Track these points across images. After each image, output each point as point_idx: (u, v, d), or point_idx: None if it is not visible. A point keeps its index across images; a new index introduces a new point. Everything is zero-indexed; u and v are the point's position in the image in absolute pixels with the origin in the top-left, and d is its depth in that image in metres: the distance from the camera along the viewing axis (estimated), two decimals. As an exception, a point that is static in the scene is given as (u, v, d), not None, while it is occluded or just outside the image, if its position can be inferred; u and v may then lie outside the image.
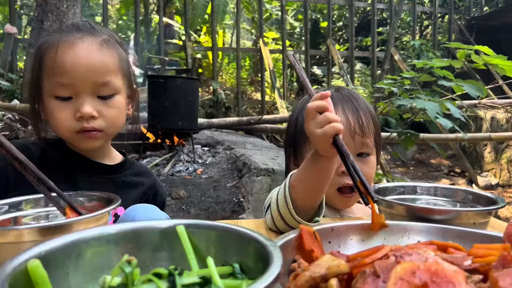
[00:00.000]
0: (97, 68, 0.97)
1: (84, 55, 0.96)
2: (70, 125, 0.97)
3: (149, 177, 1.17)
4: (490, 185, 6.49)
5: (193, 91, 4.83)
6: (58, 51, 0.96)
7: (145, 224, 0.53)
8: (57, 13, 4.99)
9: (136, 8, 8.24)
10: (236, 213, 3.52)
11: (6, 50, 6.35)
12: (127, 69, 1.07)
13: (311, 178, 0.85)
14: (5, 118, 4.52)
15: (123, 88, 1.04)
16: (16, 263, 0.42)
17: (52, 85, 0.97)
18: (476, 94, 2.85)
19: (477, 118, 7.04)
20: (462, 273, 0.45)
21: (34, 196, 0.77)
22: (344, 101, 1.11)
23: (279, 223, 0.90)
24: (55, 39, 0.98)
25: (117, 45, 1.05)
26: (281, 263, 0.41)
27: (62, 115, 0.97)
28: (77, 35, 0.99)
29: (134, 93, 1.12)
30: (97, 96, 0.98)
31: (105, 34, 1.04)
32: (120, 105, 1.03)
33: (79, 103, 0.96)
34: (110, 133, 1.03)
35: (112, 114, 1.00)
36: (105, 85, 0.98)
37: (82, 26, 1.02)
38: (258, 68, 9.68)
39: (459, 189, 0.93)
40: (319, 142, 0.80)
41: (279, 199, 0.89)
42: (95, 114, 0.97)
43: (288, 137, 1.20)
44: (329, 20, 8.98)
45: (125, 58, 1.07)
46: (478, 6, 10.49)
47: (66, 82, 0.95)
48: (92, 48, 0.98)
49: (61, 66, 0.95)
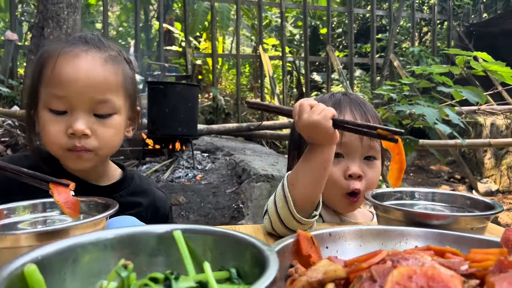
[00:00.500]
0: (97, 84, 0.92)
1: (85, 69, 0.91)
2: (60, 141, 0.91)
3: (147, 196, 1.10)
4: (490, 191, 6.48)
5: (192, 97, 4.84)
6: (58, 61, 0.91)
7: (142, 229, 0.53)
8: (58, 20, 5.01)
9: (136, 15, 8.28)
10: (235, 219, 3.51)
11: (6, 57, 6.38)
12: (132, 89, 1.01)
13: (311, 172, 0.87)
14: (5, 125, 4.52)
15: (123, 108, 0.98)
16: (13, 268, 0.42)
17: (47, 96, 0.92)
18: (475, 100, 2.86)
19: (477, 124, 7.05)
20: (459, 278, 0.45)
21: (31, 201, 0.77)
22: (353, 105, 1.13)
23: (277, 226, 0.90)
24: (58, 48, 0.94)
25: (124, 63, 1.01)
26: (277, 267, 0.41)
27: (53, 129, 0.91)
28: (82, 47, 0.94)
29: (136, 115, 1.06)
30: (94, 113, 0.92)
31: (113, 50, 0.99)
32: (117, 125, 0.96)
33: (72, 118, 0.90)
34: (102, 154, 0.96)
35: (107, 134, 0.94)
36: (104, 103, 0.93)
37: (90, 39, 0.97)
38: (257, 75, 9.71)
39: (457, 194, 0.93)
40: (319, 128, 0.84)
41: (278, 201, 0.90)
42: (87, 132, 0.91)
43: (293, 140, 1.20)
44: (328, 26, 9.02)
45: (131, 78, 1.02)
46: (477, 12, 10.54)
47: (61, 94, 0.90)
48: (95, 62, 0.93)
49: (59, 77, 0.90)
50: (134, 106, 1.03)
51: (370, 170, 1.09)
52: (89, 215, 0.76)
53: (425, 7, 11.42)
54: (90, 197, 0.80)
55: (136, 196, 1.06)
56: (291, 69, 11.35)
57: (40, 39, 5.06)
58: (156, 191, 1.14)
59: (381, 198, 0.92)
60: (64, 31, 5.04)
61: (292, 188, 0.88)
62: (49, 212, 0.77)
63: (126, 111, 0.99)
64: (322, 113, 0.83)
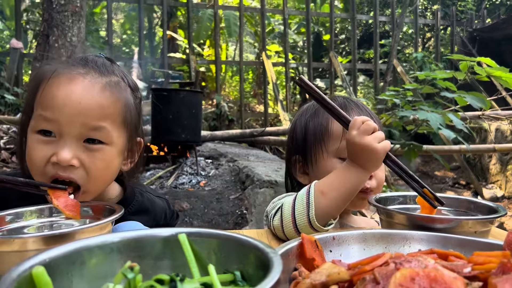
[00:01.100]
0: (90, 111, 0.83)
1: (79, 93, 0.83)
2: (42, 169, 0.82)
3: (149, 214, 1.04)
4: (496, 197, 6.45)
5: (196, 103, 4.86)
6: (51, 82, 0.84)
7: (147, 232, 0.53)
8: (62, 28, 5.06)
9: (140, 22, 8.35)
10: (239, 225, 3.51)
11: (11, 65, 6.44)
12: (133, 118, 0.92)
13: (344, 188, 0.88)
14: (10, 132, 4.55)
15: (118, 140, 0.89)
16: (21, 270, 0.42)
17: (37, 118, 0.84)
18: (479, 106, 2.85)
19: (482, 130, 7.03)
20: (462, 280, 0.45)
21: (38, 206, 0.78)
22: (358, 108, 1.14)
23: (289, 230, 0.90)
24: (54, 68, 0.87)
25: (128, 90, 0.93)
26: (280, 269, 0.42)
27: (37, 155, 0.82)
28: (80, 70, 0.87)
29: (136, 147, 0.96)
30: (84, 140, 0.84)
31: (116, 76, 0.92)
32: (108, 158, 0.87)
33: (60, 145, 0.82)
34: (90, 190, 0.86)
35: (96, 167, 0.84)
36: (97, 130, 0.84)
37: (91, 61, 0.90)
38: (261, 81, 9.75)
39: (460, 198, 0.93)
40: (378, 154, 0.86)
41: (298, 206, 0.90)
42: (74, 163, 0.82)
43: (295, 144, 1.19)
44: (331, 33, 9.06)
45: (133, 106, 0.93)
46: (480, 18, 10.55)
47: (51, 117, 0.82)
48: (91, 87, 0.85)
49: (50, 99, 0.83)
50: (133, 137, 0.94)
51: (378, 171, 1.10)
52: (95, 219, 0.77)
53: (428, 13, 11.45)
54: (96, 202, 0.81)
55: (139, 214, 1.00)
56: (294, 75, 11.38)
57: (45, 47, 5.11)
58: (158, 207, 1.09)
59: (384, 202, 0.93)
60: (69, 39, 5.09)
61: (321, 195, 0.88)
62: (55, 216, 0.78)
63: (122, 143, 0.90)
64: (383, 144, 0.86)
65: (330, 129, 1.10)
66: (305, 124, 1.17)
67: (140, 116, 0.96)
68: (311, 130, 1.14)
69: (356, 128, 0.87)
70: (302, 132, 1.17)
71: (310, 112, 1.18)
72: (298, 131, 1.19)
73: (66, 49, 5.18)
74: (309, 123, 1.15)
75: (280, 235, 0.93)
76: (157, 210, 1.08)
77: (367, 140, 0.85)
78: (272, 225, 0.95)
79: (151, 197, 1.09)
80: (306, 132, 1.15)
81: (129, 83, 0.95)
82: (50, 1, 5.10)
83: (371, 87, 10.03)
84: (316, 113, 1.16)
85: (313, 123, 1.14)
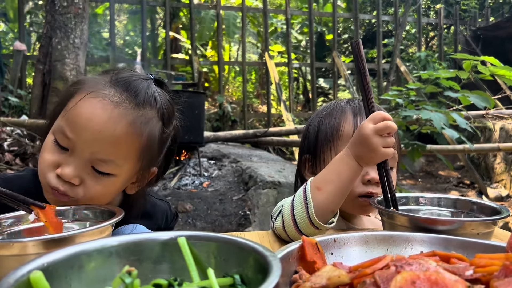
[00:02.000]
0: (107, 143, 0.82)
1: (103, 122, 0.82)
2: (47, 175, 0.84)
3: (151, 217, 1.04)
4: (501, 196, 6.41)
5: (199, 104, 4.87)
6: (83, 101, 0.84)
7: (146, 236, 0.53)
8: (65, 29, 5.08)
9: (142, 23, 8.36)
10: (242, 226, 3.51)
11: (15, 67, 6.47)
12: (153, 151, 0.90)
13: (339, 180, 0.88)
14: (14, 134, 4.57)
15: (127, 172, 0.88)
16: (19, 274, 0.42)
17: (58, 126, 0.85)
18: (483, 105, 2.84)
19: (486, 129, 6.99)
20: (463, 283, 0.45)
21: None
22: (357, 113, 1.14)
23: (290, 229, 0.90)
24: (91, 86, 0.86)
25: (159, 125, 0.90)
26: (279, 273, 0.42)
27: (47, 158, 0.84)
28: (116, 98, 0.84)
29: (147, 174, 0.94)
30: (92, 166, 0.84)
31: (153, 109, 0.88)
32: (111, 186, 0.87)
33: (68, 160, 0.83)
34: (83, 201, 0.86)
35: (95, 190, 0.85)
36: (104, 163, 0.84)
37: (133, 88, 0.86)
38: (264, 81, 9.75)
39: (463, 199, 0.92)
40: (376, 156, 0.86)
41: (296, 205, 0.90)
42: (75, 181, 0.83)
43: (306, 143, 1.20)
44: (334, 32, 9.04)
45: (158, 140, 0.90)
46: (483, 16, 10.51)
47: (68, 135, 0.83)
48: (119, 120, 0.83)
49: (74, 117, 0.83)
50: (148, 167, 0.92)
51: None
52: (95, 222, 0.77)
53: (431, 12, 11.41)
54: (96, 205, 0.81)
55: (140, 219, 1.00)
56: (297, 75, 11.37)
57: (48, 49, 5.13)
58: (159, 208, 1.09)
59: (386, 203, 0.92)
60: (72, 40, 5.11)
61: (318, 191, 0.88)
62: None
63: (130, 174, 0.89)
64: (389, 151, 0.86)
65: (341, 130, 1.11)
66: (318, 124, 1.17)
67: (162, 149, 0.94)
68: (322, 130, 1.15)
69: (374, 122, 0.86)
70: (314, 131, 1.18)
71: (324, 112, 1.19)
72: (311, 130, 1.20)
73: (69, 51, 5.20)
74: (322, 123, 1.16)
75: (284, 236, 0.93)
76: (159, 213, 1.08)
77: (375, 140, 0.85)
78: (275, 227, 0.95)
79: (153, 200, 1.09)
80: (318, 131, 1.16)
81: (163, 117, 0.91)
82: (53, 3, 5.12)
83: (374, 86, 10.00)
84: (330, 114, 1.17)
85: (325, 123, 1.15)
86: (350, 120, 1.12)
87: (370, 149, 0.85)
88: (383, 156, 0.85)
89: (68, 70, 5.23)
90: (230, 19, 9.34)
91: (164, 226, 1.08)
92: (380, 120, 0.85)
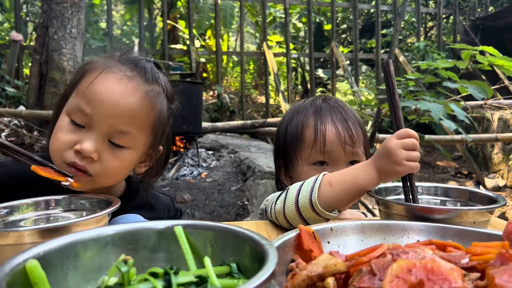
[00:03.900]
0: (125, 114, 0.86)
1: (119, 95, 0.86)
2: (64, 152, 0.85)
3: (152, 210, 1.06)
4: (498, 186, 6.43)
5: (197, 95, 4.85)
6: (99, 77, 0.88)
7: (142, 225, 0.53)
8: (62, 19, 5.04)
9: (140, 13, 8.30)
10: (240, 216, 3.52)
11: (12, 57, 6.42)
12: (162, 127, 0.95)
13: (356, 184, 0.88)
14: (11, 124, 4.56)
15: (142, 145, 0.92)
16: (15, 263, 0.42)
17: (74, 106, 0.88)
18: (480, 97, 2.83)
19: (484, 119, 7.00)
20: (459, 271, 0.45)
21: (34, 199, 0.77)
22: (333, 112, 1.14)
23: (290, 212, 0.90)
24: (105, 64, 0.90)
25: (165, 100, 0.95)
26: (276, 261, 0.42)
27: (63, 138, 0.86)
28: (128, 73, 0.89)
29: (155, 153, 0.98)
30: (109, 139, 0.87)
31: (159, 85, 0.94)
32: (127, 160, 0.90)
33: (86, 136, 0.85)
34: (99, 182, 0.89)
35: (112, 165, 0.88)
36: (123, 134, 0.87)
37: (141, 66, 0.92)
38: (262, 72, 9.71)
39: (460, 188, 0.93)
40: (400, 169, 0.86)
41: (303, 189, 0.90)
42: (94, 156, 0.85)
43: (278, 149, 1.21)
44: (333, 22, 8.99)
45: (167, 116, 0.96)
46: (483, 6, 10.45)
47: (87, 111, 0.86)
48: (134, 92, 0.88)
49: (92, 93, 0.86)
50: (157, 144, 0.97)
51: None
52: (92, 212, 0.77)
53: (431, 2, 11.35)
54: (92, 194, 0.81)
55: (141, 209, 1.01)
56: (296, 65, 11.32)
57: (45, 39, 5.09)
58: (161, 201, 1.11)
59: (383, 193, 0.92)
60: (69, 30, 5.07)
61: (328, 186, 0.89)
62: (52, 209, 0.78)
63: (144, 149, 0.93)
64: (413, 166, 0.85)
65: (303, 137, 1.11)
66: (285, 129, 1.18)
67: (167, 126, 0.98)
68: (288, 137, 1.15)
69: (399, 137, 0.87)
70: (282, 137, 1.18)
71: (288, 116, 1.20)
72: (280, 136, 1.20)
73: (66, 41, 5.16)
74: (287, 129, 1.17)
75: (281, 219, 0.93)
76: (161, 206, 1.09)
77: (399, 152, 0.85)
78: (274, 210, 0.95)
79: (155, 193, 1.10)
80: (285, 138, 1.17)
81: (168, 94, 0.97)
82: (49, -7, 5.07)
83: (373, 77, 9.98)
84: (293, 118, 1.17)
85: (290, 129, 1.16)
86: (311, 125, 1.12)
87: (394, 162, 0.85)
88: (407, 170, 0.85)
89: (65, 60, 5.20)
90: (227, 10, 9.26)
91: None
92: (406, 137, 0.86)
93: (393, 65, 0.90)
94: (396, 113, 0.90)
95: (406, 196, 0.86)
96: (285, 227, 0.94)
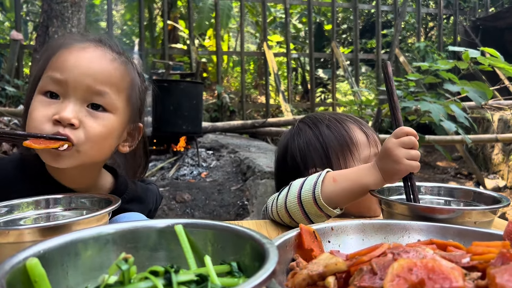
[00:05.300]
0: (99, 74, 0.85)
1: (90, 58, 0.87)
2: (43, 126, 0.82)
3: (143, 202, 1.05)
4: (498, 187, 6.43)
5: (197, 94, 4.85)
6: (66, 50, 0.87)
7: (143, 224, 0.53)
8: (62, 19, 5.04)
9: (140, 13, 8.29)
10: (240, 216, 3.52)
11: (12, 56, 6.42)
12: (138, 101, 0.94)
13: (360, 183, 0.89)
14: (11, 124, 4.56)
15: (122, 112, 0.89)
16: (15, 261, 0.42)
17: (45, 79, 0.86)
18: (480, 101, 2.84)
19: (484, 120, 6.99)
20: (460, 270, 0.45)
21: (35, 198, 0.77)
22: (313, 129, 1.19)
23: (292, 206, 0.91)
24: (68, 39, 0.91)
25: (136, 73, 0.95)
26: (276, 260, 0.41)
27: (39, 114, 0.83)
28: (95, 43, 0.90)
29: (135, 131, 0.96)
30: (88, 104, 0.85)
31: (127, 60, 0.94)
32: (110, 126, 0.87)
33: (63, 105, 0.83)
34: (84, 152, 0.84)
35: (95, 130, 0.84)
36: (100, 95, 0.85)
37: (105, 39, 0.93)
38: (262, 72, 9.70)
39: (463, 188, 0.93)
40: (401, 168, 0.85)
41: (306, 183, 0.91)
42: (75, 122, 0.82)
43: (277, 180, 1.25)
44: (333, 22, 8.98)
45: (139, 89, 0.95)
46: (483, 7, 10.45)
47: (59, 77, 0.84)
48: (104, 56, 0.88)
49: (62, 63, 0.85)
50: (136, 120, 0.95)
51: None
52: (92, 210, 0.77)
53: (431, 2, 11.34)
54: (92, 193, 0.81)
55: (131, 203, 1.00)
56: (296, 66, 11.32)
57: (45, 39, 5.09)
58: (150, 192, 1.10)
59: (386, 192, 0.92)
60: (69, 30, 5.07)
61: (332, 181, 0.89)
62: (52, 208, 0.78)
63: (124, 117, 0.90)
64: (414, 165, 0.85)
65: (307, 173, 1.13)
66: (283, 159, 1.20)
67: (143, 103, 0.98)
68: (289, 169, 1.18)
69: (397, 136, 0.87)
70: (280, 168, 1.23)
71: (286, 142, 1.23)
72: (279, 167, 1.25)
73: (66, 41, 5.15)
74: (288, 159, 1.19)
75: (282, 213, 0.93)
76: (150, 197, 1.09)
77: (397, 151, 0.85)
78: (276, 205, 0.95)
79: (144, 185, 1.10)
80: (285, 167, 1.19)
81: (137, 69, 0.96)
82: (49, -8, 5.06)
83: (373, 77, 9.98)
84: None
85: (290, 160, 1.19)
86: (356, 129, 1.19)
87: (394, 161, 0.85)
88: (408, 168, 0.85)
89: (65, 60, 5.18)
90: (224, 10, 9.25)
91: (154, 208, 1.10)
92: (404, 135, 0.86)
93: (393, 65, 0.90)
94: (395, 114, 0.90)
95: (407, 196, 0.86)
96: (285, 222, 0.94)
